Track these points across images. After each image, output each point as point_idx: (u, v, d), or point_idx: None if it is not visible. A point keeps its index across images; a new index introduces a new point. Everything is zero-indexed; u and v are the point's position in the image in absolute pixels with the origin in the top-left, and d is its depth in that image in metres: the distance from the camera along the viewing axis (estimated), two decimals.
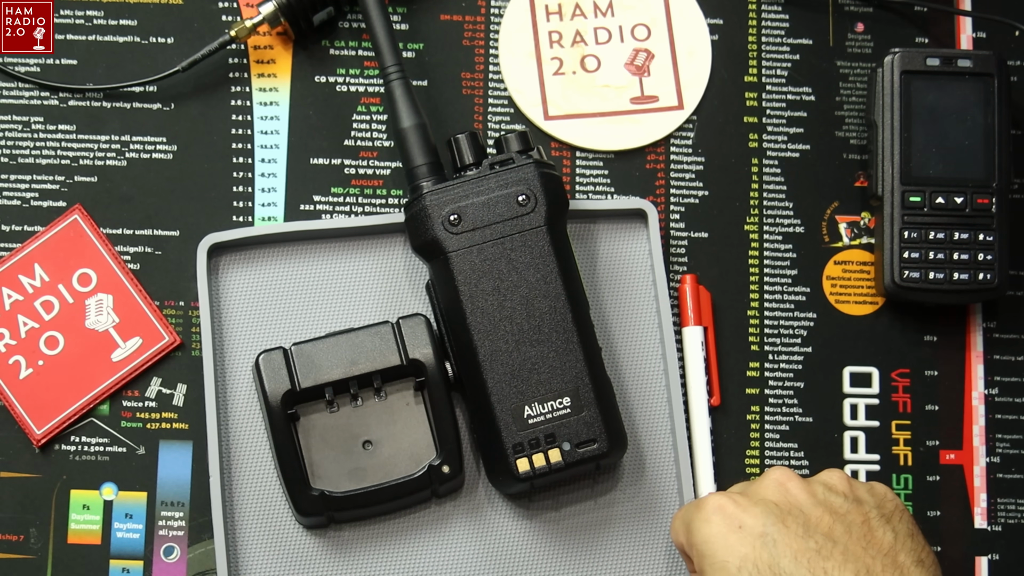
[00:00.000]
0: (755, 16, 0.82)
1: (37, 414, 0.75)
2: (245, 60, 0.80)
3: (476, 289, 0.70)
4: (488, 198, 0.71)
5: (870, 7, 0.82)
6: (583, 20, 0.81)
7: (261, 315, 0.76)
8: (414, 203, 0.72)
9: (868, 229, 0.80)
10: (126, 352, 0.76)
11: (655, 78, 0.81)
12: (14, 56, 0.79)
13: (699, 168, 0.80)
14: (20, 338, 0.76)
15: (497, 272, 0.70)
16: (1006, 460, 0.78)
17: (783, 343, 0.79)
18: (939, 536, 0.77)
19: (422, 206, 0.71)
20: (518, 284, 0.70)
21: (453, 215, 0.70)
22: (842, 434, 0.78)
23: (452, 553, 0.74)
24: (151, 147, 0.79)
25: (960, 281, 0.76)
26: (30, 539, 0.75)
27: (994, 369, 0.79)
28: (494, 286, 0.70)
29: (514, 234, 0.71)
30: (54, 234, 0.77)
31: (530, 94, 0.80)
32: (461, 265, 0.70)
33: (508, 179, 0.71)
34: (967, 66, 0.78)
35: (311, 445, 0.72)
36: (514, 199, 0.71)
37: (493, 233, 0.71)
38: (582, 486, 0.74)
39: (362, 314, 0.76)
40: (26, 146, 0.78)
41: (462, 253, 0.70)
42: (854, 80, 0.81)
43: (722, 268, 0.79)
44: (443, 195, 0.71)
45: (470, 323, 0.70)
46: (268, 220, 0.78)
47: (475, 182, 0.71)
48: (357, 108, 0.80)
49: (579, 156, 0.80)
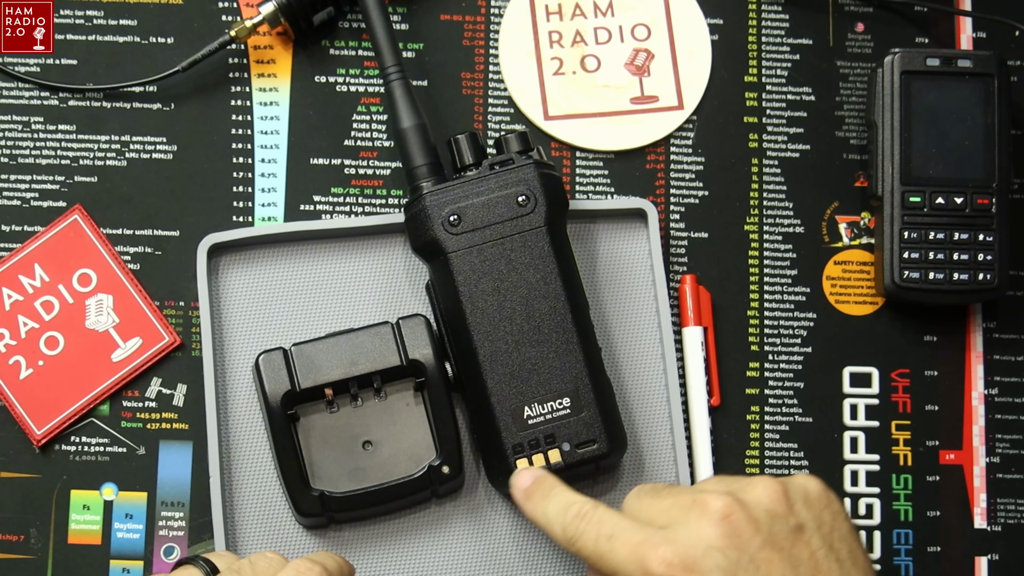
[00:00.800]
0: (755, 16, 0.82)
1: (37, 414, 0.75)
2: (245, 60, 0.80)
3: (476, 290, 0.70)
4: (488, 198, 0.71)
5: (870, 7, 0.82)
6: (583, 20, 0.81)
7: (261, 315, 0.76)
8: (414, 203, 0.72)
9: (868, 229, 0.80)
10: (126, 352, 0.76)
11: (655, 78, 0.81)
12: (14, 56, 0.79)
13: (699, 168, 0.80)
14: (20, 338, 0.76)
15: (497, 272, 0.70)
16: (1006, 460, 0.78)
17: (783, 343, 0.79)
18: (939, 536, 0.77)
19: (422, 206, 0.71)
20: (518, 284, 0.70)
21: (453, 215, 0.70)
22: (842, 434, 0.78)
23: (452, 553, 0.74)
24: (151, 147, 0.79)
25: (960, 281, 0.76)
26: (30, 539, 0.75)
27: (994, 369, 0.79)
28: (494, 287, 0.70)
29: (514, 235, 0.71)
30: (54, 234, 0.77)
31: (530, 94, 0.80)
32: (461, 265, 0.70)
33: (508, 179, 0.71)
34: (967, 66, 0.78)
35: (311, 445, 0.72)
36: (514, 199, 0.71)
37: (493, 234, 0.71)
38: (582, 487, 0.74)
39: (362, 314, 0.76)
40: (26, 146, 0.78)
41: (462, 253, 0.70)
42: (854, 80, 0.81)
43: (722, 268, 0.79)
44: (443, 195, 0.71)
45: (470, 323, 0.70)
46: (268, 220, 0.78)
47: (475, 183, 0.71)
48: (357, 108, 0.80)
49: (579, 156, 0.80)
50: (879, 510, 0.77)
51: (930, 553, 0.77)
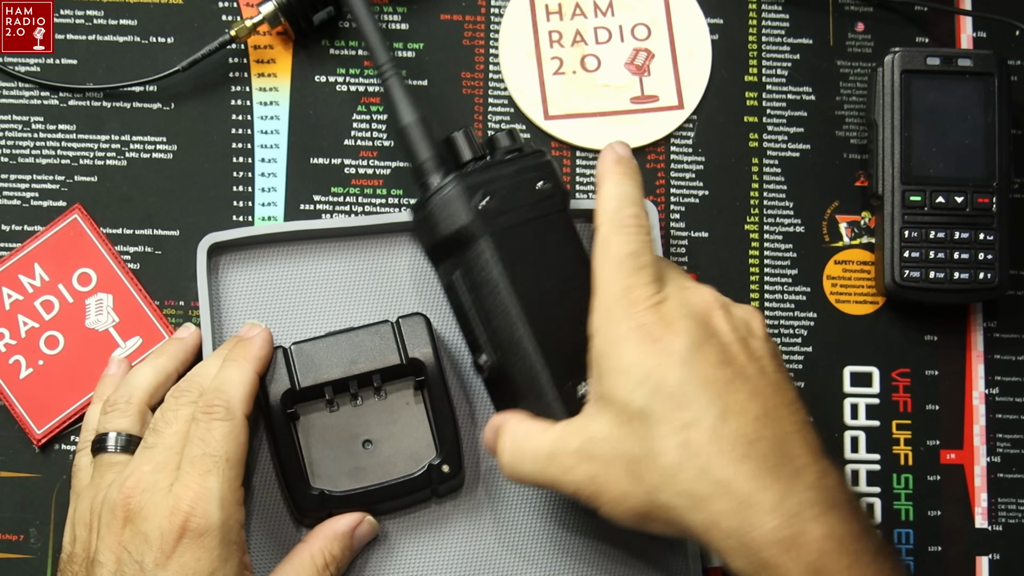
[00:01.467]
0: (755, 16, 0.82)
1: (37, 414, 0.75)
2: (245, 60, 0.80)
3: (518, 271, 0.69)
4: (512, 183, 0.70)
5: (870, 7, 0.82)
6: (583, 20, 0.81)
7: (261, 315, 0.76)
8: (437, 193, 0.70)
9: (868, 229, 0.80)
10: (126, 352, 0.76)
11: (655, 78, 0.81)
12: (14, 56, 0.79)
13: (699, 168, 0.80)
14: (20, 338, 0.76)
15: (533, 254, 0.69)
16: (1006, 460, 0.78)
17: (783, 343, 0.79)
18: (939, 536, 0.77)
19: (448, 195, 0.69)
20: (551, 266, 0.69)
21: (486, 197, 0.69)
22: (842, 434, 0.78)
23: (452, 553, 0.74)
24: (151, 147, 0.79)
25: (960, 281, 0.76)
26: (30, 539, 0.75)
27: (994, 369, 0.79)
28: (533, 268, 0.69)
29: (539, 217, 0.70)
30: (54, 234, 0.77)
31: (530, 94, 0.80)
32: (501, 247, 0.69)
33: (525, 166, 0.71)
34: (967, 66, 0.78)
35: (311, 444, 0.72)
36: (533, 184, 0.70)
37: (521, 216, 0.70)
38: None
39: (362, 314, 0.76)
40: (26, 146, 0.78)
41: (500, 234, 0.69)
42: (854, 80, 0.81)
43: (722, 268, 0.79)
44: (470, 180, 0.70)
45: (522, 304, 0.68)
46: (268, 220, 0.78)
47: (496, 168, 0.70)
48: (357, 108, 0.80)
49: (579, 156, 0.80)
50: (880, 510, 0.77)
51: (931, 553, 0.77)
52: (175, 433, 0.66)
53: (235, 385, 0.68)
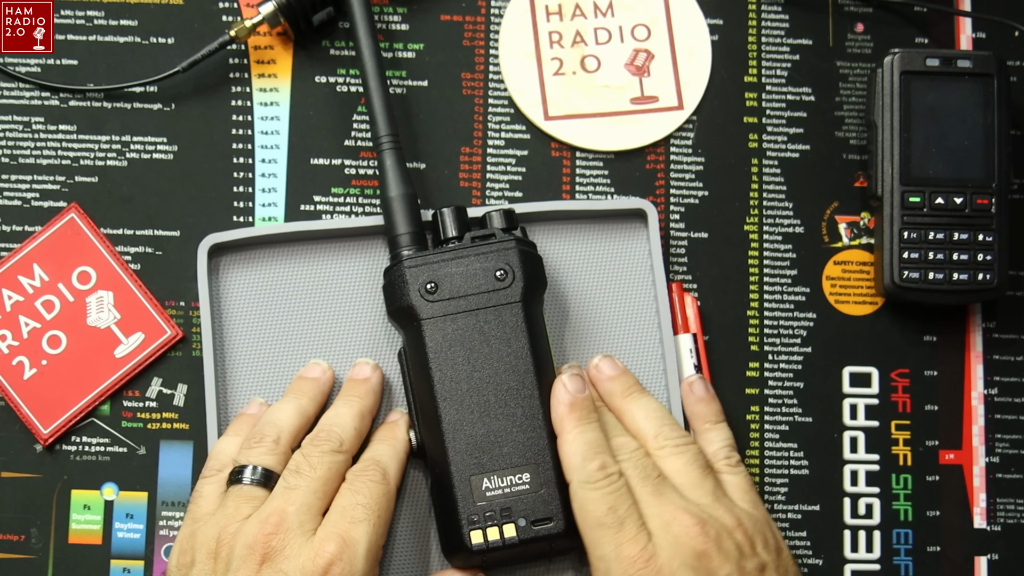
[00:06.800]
0: (755, 16, 0.82)
1: (43, 414, 0.75)
2: (245, 60, 0.80)
3: (446, 357, 0.70)
4: (466, 269, 0.70)
5: (870, 7, 0.82)
6: (583, 20, 0.81)
7: (261, 315, 0.76)
8: (392, 269, 0.72)
9: (868, 229, 0.80)
10: (129, 348, 0.76)
11: (655, 78, 0.81)
12: (14, 56, 0.79)
13: (699, 168, 0.80)
14: (23, 339, 0.76)
15: (469, 343, 0.70)
16: (1005, 460, 0.78)
17: (783, 343, 0.79)
18: (939, 536, 0.77)
19: (400, 272, 0.71)
20: (488, 356, 0.70)
21: (430, 283, 0.70)
22: (842, 434, 0.78)
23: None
24: (151, 147, 0.79)
25: (960, 281, 0.76)
26: (31, 539, 0.75)
27: (994, 369, 0.79)
28: (464, 356, 0.70)
29: (489, 307, 0.70)
30: (51, 234, 0.77)
31: (530, 94, 0.80)
32: (433, 332, 0.70)
33: (488, 253, 0.71)
34: (967, 66, 0.78)
35: None
36: (492, 273, 0.71)
37: (468, 304, 0.70)
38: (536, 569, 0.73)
39: (362, 314, 0.76)
40: (26, 146, 0.79)
41: (435, 321, 0.70)
42: (854, 80, 0.81)
43: (722, 268, 0.79)
44: (422, 263, 0.71)
45: (437, 390, 0.69)
46: (268, 220, 0.78)
47: (455, 253, 0.71)
48: (357, 108, 0.80)
49: (579, 156, 0.80)
50: (879, 510, 0.77)
51: (930, 553, 0.77)
52: (319, 479, 0.67)
53: (389, 459, 0.69)
